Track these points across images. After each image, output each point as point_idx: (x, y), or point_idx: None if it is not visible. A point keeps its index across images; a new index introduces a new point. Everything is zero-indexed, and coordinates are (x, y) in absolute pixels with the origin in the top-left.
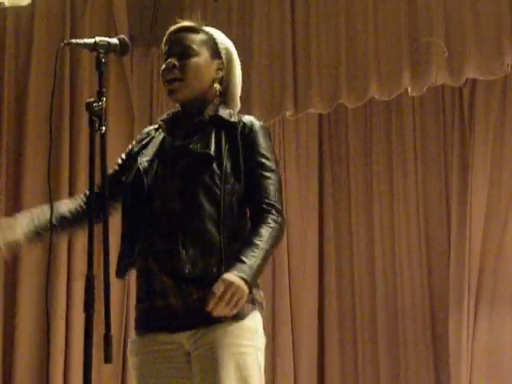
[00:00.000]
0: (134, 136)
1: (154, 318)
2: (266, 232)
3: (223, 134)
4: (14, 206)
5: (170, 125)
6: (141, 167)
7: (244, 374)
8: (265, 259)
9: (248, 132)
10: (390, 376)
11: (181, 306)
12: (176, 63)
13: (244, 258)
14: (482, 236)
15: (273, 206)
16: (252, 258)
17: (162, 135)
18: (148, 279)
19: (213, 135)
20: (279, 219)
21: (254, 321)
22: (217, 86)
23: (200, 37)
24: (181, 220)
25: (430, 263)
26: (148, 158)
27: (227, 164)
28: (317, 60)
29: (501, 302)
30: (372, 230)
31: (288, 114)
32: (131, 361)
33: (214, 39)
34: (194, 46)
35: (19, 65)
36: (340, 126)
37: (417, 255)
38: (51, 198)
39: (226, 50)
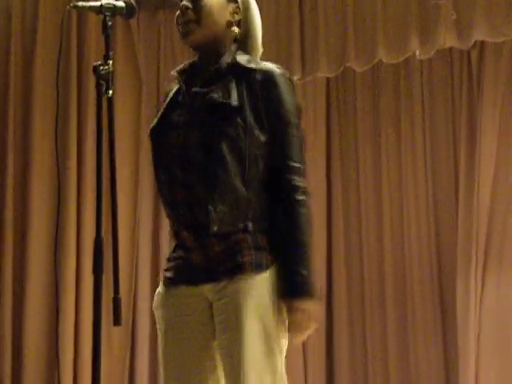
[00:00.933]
0: (141, 99)
1: (176, 271)
2: (304, 222)
3: (244, 84)
4: (22, 169)
5: (186, 74)
6: (155, 120)
7: (267, 325)
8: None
9: (268, 81)
10: (397, 338)
11: (202, 259)
12: (189, 5)
13: (301, 270)
14: (490, 198)
15: (298, 170)
16: (305, 264)
17: (177, 86)
18: (172, 231)
19: (233, 84)
20: (306, 193)
21: (278, 273)
22: (235, 28)
23: None
24: (202, 172)
25: (437, 225)
26: (163, 110)
27: (250, 116)
28: (324, 23)
29: (509, 264)
30: (380, 192)
31: (295, 77)
32: (155, 314)
33: None
34: None
35: (26, 29)
36: (348, 89)
37: (425, 218)
38: (58, 161)
39: None
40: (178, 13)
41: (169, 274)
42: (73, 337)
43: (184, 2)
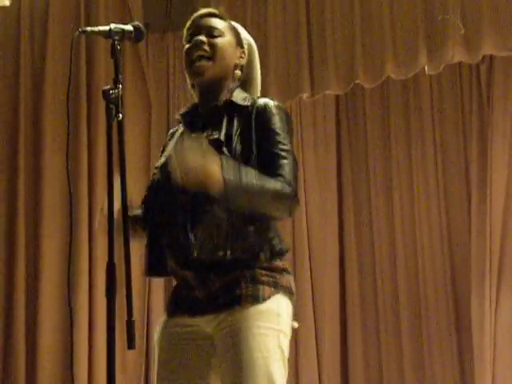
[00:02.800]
0: (151, 123)
1: (179, 303)
2: (268, 179)
3: (236, 119)
4: (34, 195)
5: (189, 117)
6: (156, 165)
7: (265, 355)
8: (245, 187)
9: (262, 112)
10: (412, 353)
11: (204, 294)
12: (205, 40)
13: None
14: (503, 213)
15: (287, 181)
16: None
17: (182, 128)
18: (172, 273)
19: (225, 120)
20: (289, 190)
21: (276, 304)
22: (238, 72)
23: (226, 23)
24: (190, 209)
25: (451, 243)
26: (165, 154)
27: (237, 146)
28: (332, 41)
29: None
30: (392, 209)
31: (305, 96)
32: (155, 339)
33: (237, 30)
34: (221, 28)
35: (35, 54)
36: (357, 106)
37: (438, 235)
38: (70, 184)
39: (248, 41)
40: (188, 45)
41: (171, 305)
42: (87, 360)
43: (200, 37)
